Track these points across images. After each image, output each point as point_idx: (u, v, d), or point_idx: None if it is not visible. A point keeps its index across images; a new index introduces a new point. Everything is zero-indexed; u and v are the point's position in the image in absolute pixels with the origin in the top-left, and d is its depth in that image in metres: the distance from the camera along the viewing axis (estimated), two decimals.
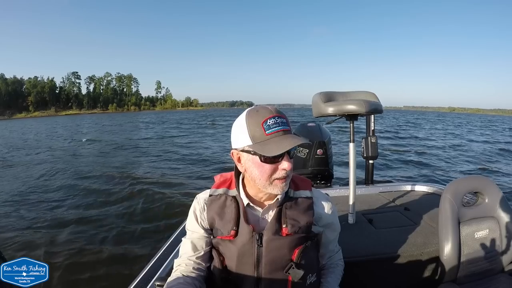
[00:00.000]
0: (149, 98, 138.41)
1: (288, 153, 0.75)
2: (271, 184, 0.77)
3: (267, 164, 0.74)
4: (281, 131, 0.73)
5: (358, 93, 1.75)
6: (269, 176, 0.75)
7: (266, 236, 0.80)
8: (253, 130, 0.74)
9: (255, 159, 0.75)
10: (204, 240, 0.87)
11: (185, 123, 30.68)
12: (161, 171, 7.86)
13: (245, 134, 0.75)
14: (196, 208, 0.89)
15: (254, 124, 0.74)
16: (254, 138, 0.73)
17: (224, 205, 0.85)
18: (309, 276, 0.85)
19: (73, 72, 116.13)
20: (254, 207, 0.85)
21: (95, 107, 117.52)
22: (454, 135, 16.93)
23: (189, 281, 0.80)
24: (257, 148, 0.73)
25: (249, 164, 0.77)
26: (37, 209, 5.01)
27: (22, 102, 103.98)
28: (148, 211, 4.70)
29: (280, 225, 0.81)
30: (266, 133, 0.72)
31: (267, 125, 0.72)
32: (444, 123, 33.31)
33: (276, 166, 0.75)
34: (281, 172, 0.75)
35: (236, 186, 0.87)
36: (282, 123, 0.74)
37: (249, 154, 0.76)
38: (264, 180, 0.76)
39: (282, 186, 0.77)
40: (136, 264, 3.04)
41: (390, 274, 1.36)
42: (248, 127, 0.74)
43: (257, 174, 0.76)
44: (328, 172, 2.34)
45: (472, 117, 73.62)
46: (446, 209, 1.29)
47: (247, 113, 0.77)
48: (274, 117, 0.74)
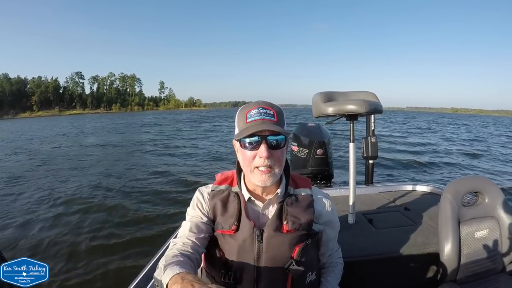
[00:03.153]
0: (153, 98, 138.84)
1: (267, 141, 0.77)
2: (252, 172, 0.80)
3: (247, 150, 0.79)
4: (259, 120, 0.78)
5: (358, 93, 1.75)
6: (249, 162, 0.80)
7: (267, 233, 0.81)
8: (239, 119, 0.82)
9: (238, 146, 0.82)
10: (204, 225, 0.86)
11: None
12: (164, 169, 7.90)
13: (236, 124, 0.83)
14: (199, 198, 0.90)
15: (241, 114, 0.82)
16: (239, 126, 0.82)
17: (227, 200, 0.86)
18: (309, 274, 0.85)
19: (77, 72, 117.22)
20: (255, 202, 0.87)
21: (98, 107, 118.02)
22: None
23: (186, 260, 0.75)
24: (237, 135, 0.80)
25: (238, 152, 0.85)
26: (38, 207, 5.06)
27: (26, 102, 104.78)
28: (149, 212, 4.70)
29: (281, 221, 0.82)
30: (247, 121, 0.79)
31: (250, 114, 0.79)
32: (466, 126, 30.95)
33: (255, 153, 0.78)
34: (258, 159, 0.78)
35: (237, 182, 0.89)
36: (265, 114, 0.78)
37: (237, 142, 0.83)
38: (246, 166, 0.81)
39: (263, 178, 0.79)
40: (136, 264, 3.06)
41: (390, 274, 1.36)
42: (237, 117, 0.83)
43: (241, 161, 0.84)
44: (328, 172, 2.34)
45: (485, 118, 71.56)
46: (446, 209, 1.29)
47: (241, 106, 0.85)
48: (259, 108, 0.79)
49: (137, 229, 4.02)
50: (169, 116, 49.69)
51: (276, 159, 0.79)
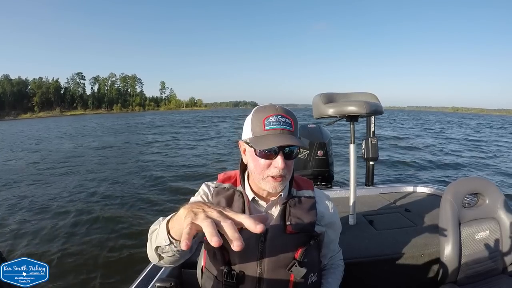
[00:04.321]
0: (154, 98, 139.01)
1: (284, 152, 0.76)
2: (264, 180, 0.79)
3: (261, 159, 0.77)
4: (279, 129, 0.75)
5: (358, 94, 1.75)
6: (262, 171, 0.78)
7: (271, 233, 0.81)
8: (255, 124, 0.78)
9: (252, 152, 0.79)
10: None
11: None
12: (166, 169, 7.91)
13: (249, 127, 0.80)
14: (205, 190, 0.90)
15: (258, 119, 0.78)
16: (254, 132, 0.78)
17: (231, 199, 0.86)
18: (310, 276, 0.85)
19: (78, 73, 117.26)
20: (258, 202, 0.87)
21: (99, 108, 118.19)
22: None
23: None
24: (253, 141, 0.77)
25: (248, 156, 0.82)
26: (40, 206, 5.07)
27: (27, 103, 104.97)
28: (150, 212, 4.71)
29: (284, 222, 0.82)
30: (265, 129, 0.76)
31: (268, 121, 0.76)
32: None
33: (270, 162, 0.77)
34: (273, 169, 0.77)
35: (241, 182, 0.89)
36: (284, 123, 0.76)
37: (249, 146, 0.79)
38: (258, 174, 0.79)
39: (275, 185, 0.78)
40: (136, 265, 3.05)
41: (391, 276, 1.36)
42: (252, 121, 0.79)
43: (252, 167, 0.81)
44: (328, 173, 2.33)
45: (489, 118, 70.20)
46: (447, 210, 1.29)
47: (256, 108, 0.82)
48: (277, 115, 0.76)
49: (137, 229, 4.00)
50: (171, 116, 49.56)
51: (288, 168, 0.79)
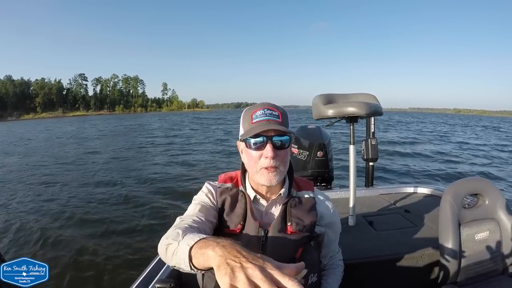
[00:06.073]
0: (156, 99, 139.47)
1: (272, 142, 0.77)
2: (258, 173, 0.80)
3: (253, 151, 0.79)
4: (265, 121, 0.78)
5: (358, 95, 1.75)
6: (255, 163, 0.80)
7: (272, 233, 0.81)
8: (245, 120, 0.83)
9: (244, 147, 0.82)
10: (212, 212, 0.84)
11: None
12: (166, 170, 7.93)
13: (241, 125, 0.84)
14: (210, 188, 0.90)
15: (247, 115, 0.83)
16: (244, 127, 0.82)
17: (235, 199, 0.87)
18: (310, 276, 0.86)
19: (80, 74, 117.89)
20: (259, 201, 0.87)
21: (102, 108, 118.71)
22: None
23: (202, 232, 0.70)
24: (243, 136, 0.80)
25: (243, 152, 0.84)
26: (40, 206, 5.10)
27: (29, 104, 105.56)
28: (150, 212, 4.71)
29: (285, 222, 0.83)
30: (252, 122, 0.80)
31: (256, 115, 0.80)
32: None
33: (261, 153, 0.78)
34: (264, 160, 0.78)
35: (242, 182, 0.89)
36: (270, 115, 0.79)
37: (242, 142, 0.83)
38: (251, 166, 0.81)
39: (269, 176, 0.79)
40: (136, 266, 3.06)
41: (391, 276, 1.36)
42: (242, 119, 0.84)
43: (246, 161, 0.83)
44: (328, 174, 2.33)
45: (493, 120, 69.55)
46: (447, 211, 1.29)
47: (246, 108, 0.86)
48: (264, 109, 0.80)
49: (138, 230, 4.03)
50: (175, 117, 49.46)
51: (281, 159, 0.79)
